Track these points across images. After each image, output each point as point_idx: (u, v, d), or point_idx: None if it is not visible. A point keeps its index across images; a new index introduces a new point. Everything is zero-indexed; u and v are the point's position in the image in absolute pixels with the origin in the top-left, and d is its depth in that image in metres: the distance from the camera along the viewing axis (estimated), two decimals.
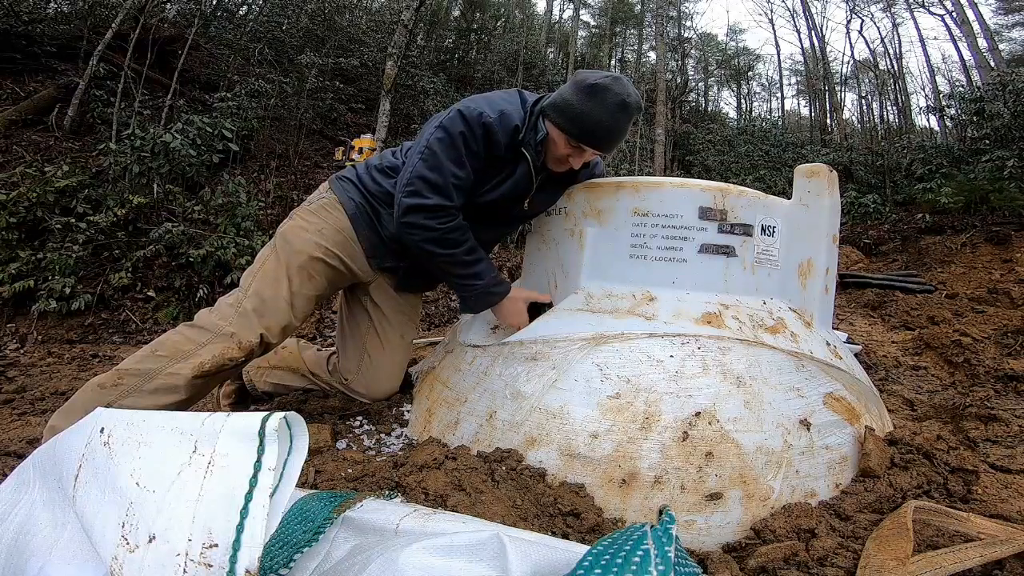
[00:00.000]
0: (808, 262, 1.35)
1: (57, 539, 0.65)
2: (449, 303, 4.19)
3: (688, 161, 11.47)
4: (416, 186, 1.28)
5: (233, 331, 1.27)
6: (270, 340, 1.32)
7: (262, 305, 1.32)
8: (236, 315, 1.30)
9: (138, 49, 5.41)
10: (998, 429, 1.39)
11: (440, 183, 1.28)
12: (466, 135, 1.27)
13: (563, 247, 1.44)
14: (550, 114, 1.30)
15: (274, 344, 1.35)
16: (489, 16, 14.30)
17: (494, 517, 0.89)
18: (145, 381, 1.20)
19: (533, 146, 1.33)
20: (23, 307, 3.19)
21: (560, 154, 1.32)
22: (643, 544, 0.56)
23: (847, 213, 7.38)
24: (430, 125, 1.34)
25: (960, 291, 3.76)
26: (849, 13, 18.77)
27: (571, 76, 1.33)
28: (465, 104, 1.31)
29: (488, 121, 1.27)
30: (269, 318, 1.32)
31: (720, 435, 1.04)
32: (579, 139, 1.28)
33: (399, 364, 1.58)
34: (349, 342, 1.58)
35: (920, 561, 0.82)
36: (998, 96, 7.17)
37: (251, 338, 1.28)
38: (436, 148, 1.28)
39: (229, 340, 1.26)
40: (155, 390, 1.20)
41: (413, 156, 1.32)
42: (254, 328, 1.29)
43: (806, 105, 21.66)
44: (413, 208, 1.29)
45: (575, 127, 1.26)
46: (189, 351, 1.24)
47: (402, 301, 1.59)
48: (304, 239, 1.39)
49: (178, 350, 1.24)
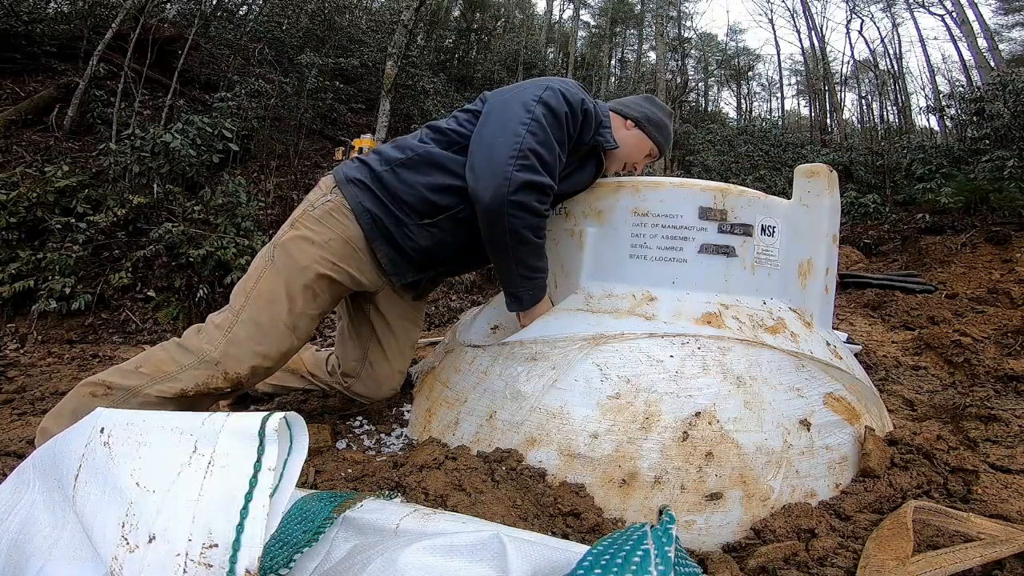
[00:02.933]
0: (808, 262, 1.35)
1: (57, 539, 0.65)
2: (449, 303, 4.19)
3: (688, 161, 11.46)
4: (531, 160, 1.10)
5: (218, 359, 1.13)
6: (267, 366, 1.19)
7: (258, 332, 1.16)
8: (224, 341, 1.14)
9: (138, 49, 5.41)
10: (998, 429, 1.39)
11: (551, 162, 1.14)
12: (569, 117, 1.17)
13: (563, 247, 1.44)
14: (644, 125, 1.41)
15: (274, 370, 1.22)
16: (489, 16, 14.29)
17: (494, 517, 0.89)
18: (131, 396, 1.12)
19: (601, 147, 1.36)
20: (23, 307, 3.19)
21: (637, 159, 1.45)
22: (643, 544, 0.56)
23: (847, 213, 7.38)
24: (515, 98, 1.18)
25: (960, 291, 3.76)
26: (849, 13, 18.78)
27: (635, 95, 1.51)
28: (559, 84, 1.20)
29: (588, 108, 1.23)
30: (267, 345, 1.17)
31: (720, 435, 1.04)
32: (661, 147, 1.45)
33: (401, 368, 1.53)
34: (350, 346, 1.52)
35: (920, 561, 0.82)
36: (998, 96, 7.17)
37: (239, 370, 1.14)
38: (544, 123, 1.13)
39: (214, 369, 1.12)
40: (141, 405, 1.12)
41: (512, 126, 1.12)
42: (244, 359, 1.14)
43: (806, 105, 21.67)
44: (528, 185, 1.10)
45: (663, 137, 1.44)
46: (170, 373, 1.13)
47: (408, 307, 1.51)
48: (310, 254, 1.21)
49: (160, 370, 1.13)
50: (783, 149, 11.88)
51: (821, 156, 10.30)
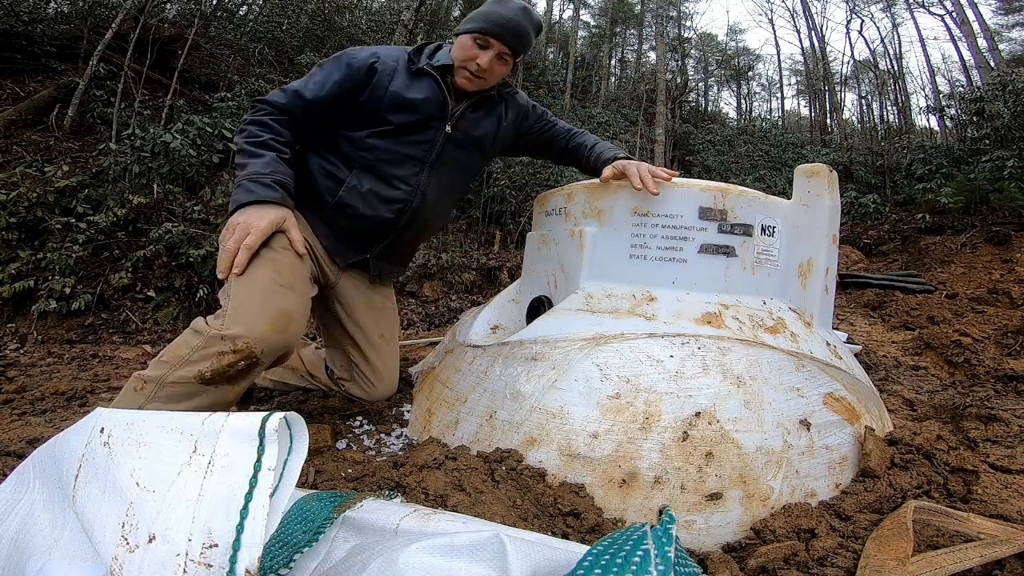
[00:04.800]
0: (808, 262, 1.35)
1: (57, 539, 0.65)
2: (449, 303, 4.19)
3: (688, 161, 11.47)
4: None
5: (225, 332, 1.10)
6: (275, 332, 1.13)
7: (255, 295, 1.14)
8: (229, 312, 1.13)
9: (138, 49, 5.41)
10: (998, 429, 1.39)
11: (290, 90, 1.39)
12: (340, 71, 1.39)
13: (563, 247, 1.44)
14: (462, 27, 1.41)
15: (284, 339, 1.16)
16: None
17: (494, 517, 0.89)
18: (159, 388, 1.11)
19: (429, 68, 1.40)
20: (23, 307, 3.19)
21: (465, 56, 1.38)
22: (643, 544, 0.56)
23: (847, 213, 7.39)
24: None
25: (960, 291, 3.76)
26: (849, 13, 18.80)
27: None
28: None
29: (356, 58, 1.39)
30: (268, 304, 1.14)
31: (720, 435, 1.04)
32: (481, 29, 1.36)
33: (389, 364, 1.52)
34: (333, 350, 1.53)
35: (920, 561, 0.82)
36: (998, 96, 7.17)
37: (248, 338, 1.10)
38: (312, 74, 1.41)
39: (223, 344, 1.10)
40: (168, 397, 1.11)
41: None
42: (251, 324, 1.11)
43: (806, 105, 21.67)
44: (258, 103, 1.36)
45: (478, 21, 1.37)
46: (185, 357, 1.11)
47: (373, 296, 1.52)
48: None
49: (177, 355, 1.13)
50: (783, 149, 11.89)
51: (821, 156, 10.31)
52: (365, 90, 1.35)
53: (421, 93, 1.38)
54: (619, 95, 16.28)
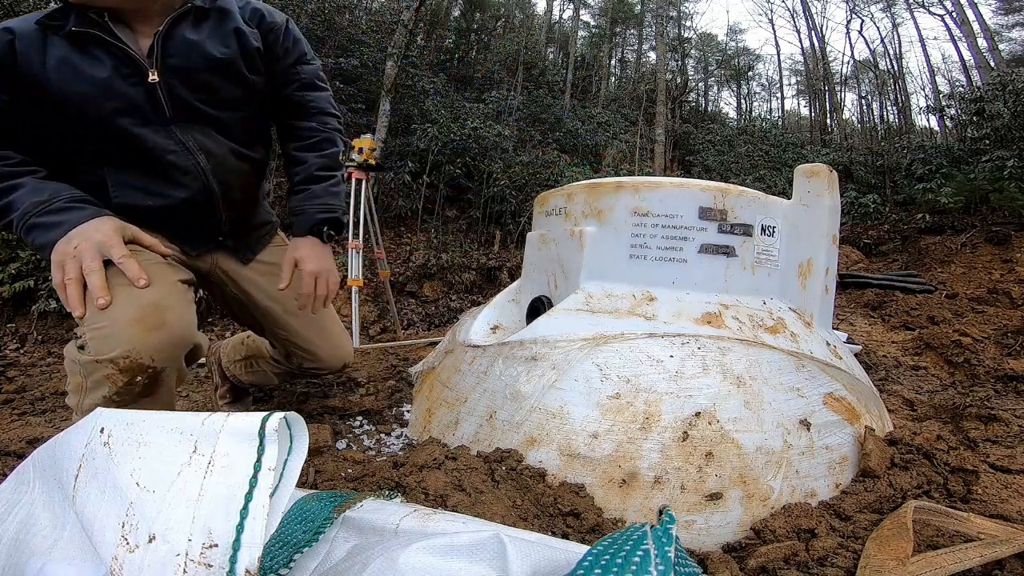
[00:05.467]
0: (808, 262, 1.35)
1: (57, 539, 0.65)
2: (449, 303, 4.20)
3: (688, 161, 11.48)
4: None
5: (97, 352, 0.94)
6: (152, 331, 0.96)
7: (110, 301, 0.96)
8: (89, 333, 0.96)
9: None
10: (998, 429, 1.39)
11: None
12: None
13: (563, 247, 1.44)
14: None
15: (175, 337, 0.99)
16: (489, 16, 14.28)
17: (494, 517, 0.89)
18: (81, 416, 0.92)
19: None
20: (23, 307, 3.19)
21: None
22: (643, 544, 0.56)
23: (847, 213, 7.40)
24: None
25: (960, 291, 3.77)
26: (849, 13, 18.80)
27: None
28: None
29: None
30: (128, 307, 0.96)
31: (720, 435, 1.04)
32: None
33: (324, 326, 1.39)
34: (267, 335, 1.44)
35: (920, 561, 0.82)
36: (998, 96, 7.17)
37: (125, 350, 0.93)
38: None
39: (103, 368, 0.94)
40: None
41: None
42: (118, 332, 0.94)
43: (806, 105, 21.68)
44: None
45: None
46: (82, 384, 0.99)
47: (247, 271, 1.37)
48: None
49: (76, 384, 1.00)
50: (783, 149, 11.90)
51: (821, 156, 10.32)
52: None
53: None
54: (619, 95, 16.30)
